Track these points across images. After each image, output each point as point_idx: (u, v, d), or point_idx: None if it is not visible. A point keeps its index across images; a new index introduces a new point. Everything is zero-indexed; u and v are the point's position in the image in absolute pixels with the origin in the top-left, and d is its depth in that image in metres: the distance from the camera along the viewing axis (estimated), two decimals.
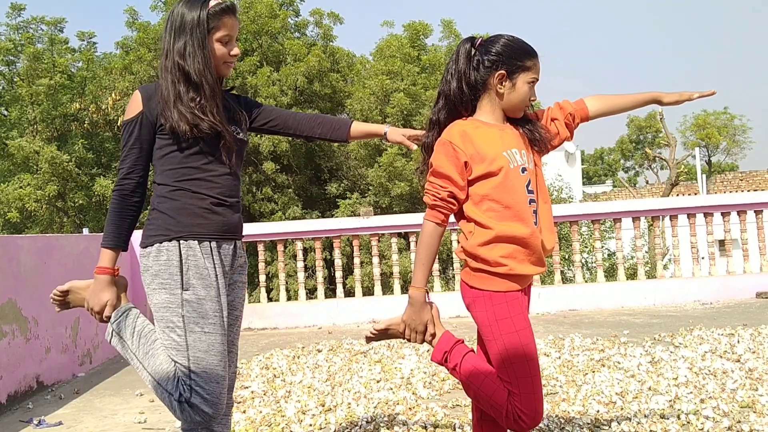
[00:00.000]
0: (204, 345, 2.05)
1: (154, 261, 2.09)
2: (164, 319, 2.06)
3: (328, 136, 2.46)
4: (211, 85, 2.11)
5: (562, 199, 19.91)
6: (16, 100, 17.97)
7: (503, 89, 2.09)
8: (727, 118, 39.20)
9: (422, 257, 2.10)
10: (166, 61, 2.12)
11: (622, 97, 2.30)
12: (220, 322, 2.10)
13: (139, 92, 2.14)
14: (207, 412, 2.02)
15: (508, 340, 2.01)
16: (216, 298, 2.10)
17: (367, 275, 10.89)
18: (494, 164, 2.03)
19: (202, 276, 2.08)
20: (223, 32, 2.13)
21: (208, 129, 2.07)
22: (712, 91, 2.25)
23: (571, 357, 4.42)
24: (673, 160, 20.79)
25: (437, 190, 2.07)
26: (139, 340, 2.11)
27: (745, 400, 3.24)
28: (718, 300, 7.03)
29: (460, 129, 2.08)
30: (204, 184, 2.11)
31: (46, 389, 4.52)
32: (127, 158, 2.11)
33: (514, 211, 2.03)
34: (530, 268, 2.07)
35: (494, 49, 2.09)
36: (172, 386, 2.03)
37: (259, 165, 15.37)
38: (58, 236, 5.21)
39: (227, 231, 2.17)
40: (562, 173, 22.95)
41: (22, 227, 17.51)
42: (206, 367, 2.04)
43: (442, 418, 3.26)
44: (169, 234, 2.08)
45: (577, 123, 2.25)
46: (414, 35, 17.44)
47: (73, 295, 2.23)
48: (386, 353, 4.90)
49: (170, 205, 2.10)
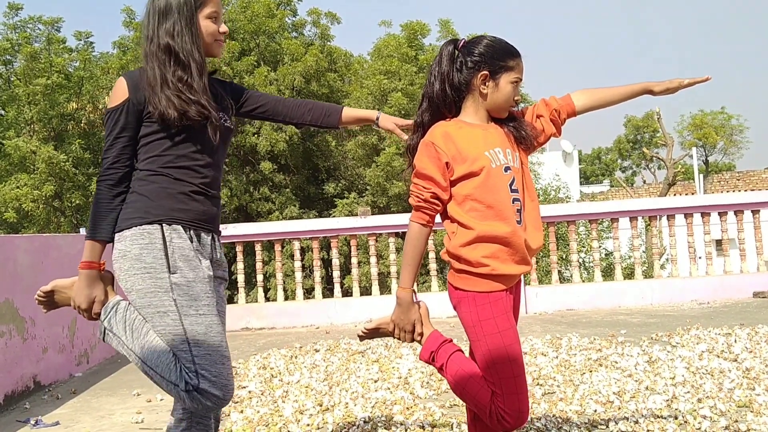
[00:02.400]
0: (202, 327, 1.97)
1: (133, 244, 1.99)
2: (152, 305, 1.98)
3: (318, 123, 2.41)
4: (198, 64, 2.06)
5: (560, 198, 19.92)
6: (13, 99, 17.92)
7: (487, 89, 2.10)
8: (724, 117, 39.23)
9: (409, 258, 2.11)
10: (151, 45, 2.06)
11: (611, 89, 2.27)
12: (213, 303, 2.03)
13: (124, 79, 2.07)
14: (217, 395, 1.95)
15: (491, 341, 2.02)
16: (205, 279, 2.03)
17: (364, 275, 10.88)
18: (476, 164, 2.03)
19: (188, 258, 2.01)
20: (210, 8, 2.09)
21: (196, 115, 2.01)
22: (705, 77, 2.22)
23: (568, 356, 4.43)
24: (670, 159, 20.82)
25: (420, 191, 2.08)
26: (132, 333, 2.02)
27: (742, 399, 3.24)
28: (715, 299, 7.04)
29: (443, 130, 2.09)
30: (188, 172, 2.05)
31: (43, 389, 4.52)
32: (112, 147, 2.04)
33: (497, 210, 2.03)
34: (514, 268, 2.06)
35: (477, 50, 2.10)
36: (176, 376, 1.95)
37: (257, 164, 15.34)
38: (55, 236, 5.20)
39: (206, 221, 2.11)
40: (560, 173, 22.97)
41: (18, 227, 17.46)
42: (209, 349, 1.96)
43: (440, 417, 3.26)
44: (149, 216, 2.00)
45: (563, 119, 2.24)
46: (411, 35, 17.41)
47: (59, 294, 2.16)
48: (384, 353, 4.90)
49: (150, 187, 2.03)
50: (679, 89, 2.24)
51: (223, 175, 2.27)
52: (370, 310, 6.98)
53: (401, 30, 17.60)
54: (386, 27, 18.35)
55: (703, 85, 2.26)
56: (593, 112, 2.29)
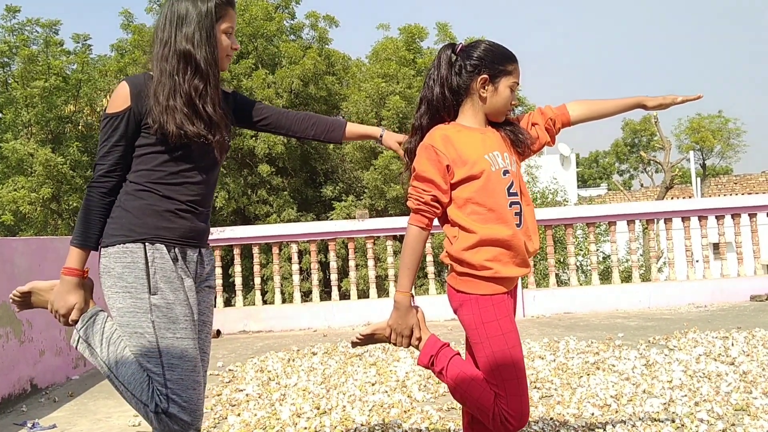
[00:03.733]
0: (177, 351, 1.95)
1: (116, 262, 1.97)
2: (130, 325, 1.95)
3: (322, 137, 2.41)
4: (215, 76, 2.03)
5: (557, 202, 19.93)
6: (11, 102, 17.92)
7: (486, 93, 2.11)
8: (722, 121, 39.36)
9: (407, 262, 2.11)
10: (165, 48, 1.99)
11: (606, 102, 2.30)
12: (191, 326, 2.01)
13: (126, 84, 1.99)
14: (186, 420, 1.94)
15: (494, 343, 2.02)
16: (185, 302, 2.00)
17: (362, 278, 10.87)
18: (476, 167, 2.04)
19: (170, 279, 1.98)
20: (227, 23, 2.06)
21: (194, 135, 1.96)
22: (698, 95, 2.24)
23: (566, 360, 4.43)
24: (667, 163, 20.87)
25: (420, 194, 2.08)
26: (108, 347, 1.99)
27: (739, 403, 3.24)
28: (713, 303, 7.05)
29: (442, 133, 2.10)
30: (178, 189, 2.01)
31: (40, 392, 4.50)
32: (108, 155, 1.98)
33: (498, 213, 2.04)
34: (515, 270, 2.08)
35: (476, 54, 2.11)
36: (147, 396, 1.94)
37: (255, 167, 15.35)
38: (53, 238, 5.19)
39: (192, 237, 2.07)
40: (557, 176, 22.97)
41: (16, 230, 17.44)
42: (182, 374, 1.95)
43: (437, 420, 3.26)
44: (132, 235, 1.97)
45: (558, 128, 2.26)
46: (409, 38, 17.46)
47: (36, 296, 2.11)
48: (381, 356, 4.90)
49: (136, 204, 1.99)
50: (672, 105, 2.26)
51: (214, 191, 2.24)
52: (367, 313, 6.98)
53: (399, 33, 17.66)
54: (384, 30, 18.43)
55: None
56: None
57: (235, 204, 15.17)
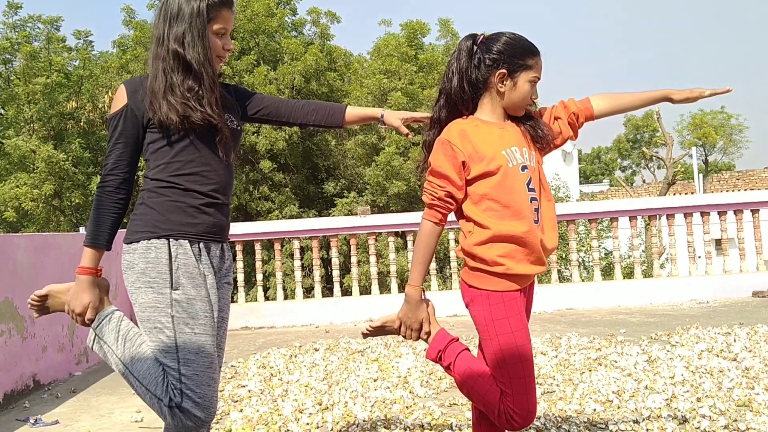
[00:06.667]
0: (194, 347, 1.97)
1: (140, 258, 2.00)
2: (151, 320, 1.98)
3: (322, 123, 2.39)
4: (210, 77, 2.03)
5: (560, 198, 19.92)
6: (13, 98, 17.91)
7: (504, 88, 2.07)
8: (724, 117, 39.26)
9: (419, 256, 2.09)
10: (159, 48, 2.03)
11: (630, 95, 2.22)
12: (211, 323, 2.02)
13: (123, 86, 2.06)
14: (199, 416, 1.95)
15: (503, 341, 2.01)
16: (206, 298, 2.03)
17: (364, 274, 10.87)
18: (492, 163, 2.01)
19: (192, 275, 2.01)
20: (219, 24, 2.06)
21: (200, 120, 1.99)
22: (727, 89, 2.16)
23: (568, 356, 4.43)
24: (670, 159, 20.83)
25: (435, 189, 2.06)
26: (124, 344, 2.02)
27: (741, 398, 3.24)
28: (715, 299, 7.04)
29: (459, 128, 2.07)
30: (197, 179, 2.03)
31: (42, 388, 4.52)
32: (111, 154, 2.03)
33: (514, 210, 2.01)
34: (529, 268, 2.05)
35: (496, 47, 2.07)
36: (162, 391, 1.95)
37: (256, 163, 15.34)
38: (55, 235, 5.20)
39: (216, 233, 2.09)
40: (559, 172, 22.97)
41: (18, 226, 17.47)
42: (197, 370, 1.96)
43: (439, 416, 3.26)
44: (157, 231, 2.00)
45: (581, 122, 2.20)
46: (411, 34, 17.41)
47: (53, 299, 2.13)
48: (383, 352, 4.90)
49: (159, 200, 2.02)
50: (699, 99, 2.18)
51: (234, 179, 2.25)
52: (369, 309, 6.98)
53: (401, 29, 17.61)
54: (386, 26, 18.39)
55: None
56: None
57: (236, 200, 15.15)
